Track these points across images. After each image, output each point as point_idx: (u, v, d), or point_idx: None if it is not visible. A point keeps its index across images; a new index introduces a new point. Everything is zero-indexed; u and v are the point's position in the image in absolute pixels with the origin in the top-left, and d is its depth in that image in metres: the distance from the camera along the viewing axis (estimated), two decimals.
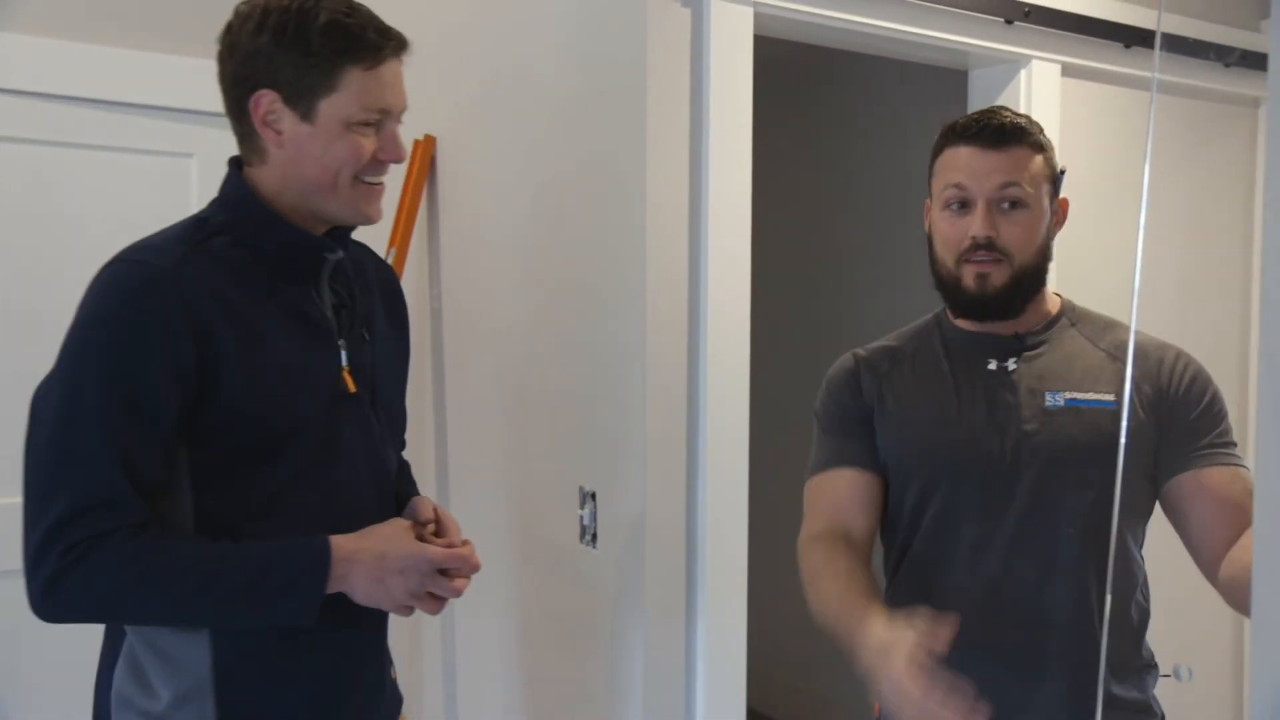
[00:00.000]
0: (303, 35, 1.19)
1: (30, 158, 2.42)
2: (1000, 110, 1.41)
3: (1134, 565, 1.39)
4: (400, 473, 1.47)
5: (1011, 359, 1.40)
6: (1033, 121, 1.40)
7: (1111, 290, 1.97)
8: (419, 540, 1.27)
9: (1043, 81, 2.18)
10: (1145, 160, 1.01)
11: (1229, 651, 1.33)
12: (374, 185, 1.28)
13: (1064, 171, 1.41)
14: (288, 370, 1.23)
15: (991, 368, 1.40)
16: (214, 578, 1.15)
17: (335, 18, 1.20)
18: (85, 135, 2.49)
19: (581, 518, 1.89)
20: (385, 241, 2.28)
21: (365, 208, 1.28)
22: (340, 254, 1.30)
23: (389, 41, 1.23)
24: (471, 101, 2.22)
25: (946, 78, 2.32)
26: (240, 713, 1.22)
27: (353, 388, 1.29)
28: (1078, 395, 1.35)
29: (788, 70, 3.38)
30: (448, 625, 2.34)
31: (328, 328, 1.28)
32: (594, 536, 1.88)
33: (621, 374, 1.82)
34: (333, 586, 1.19)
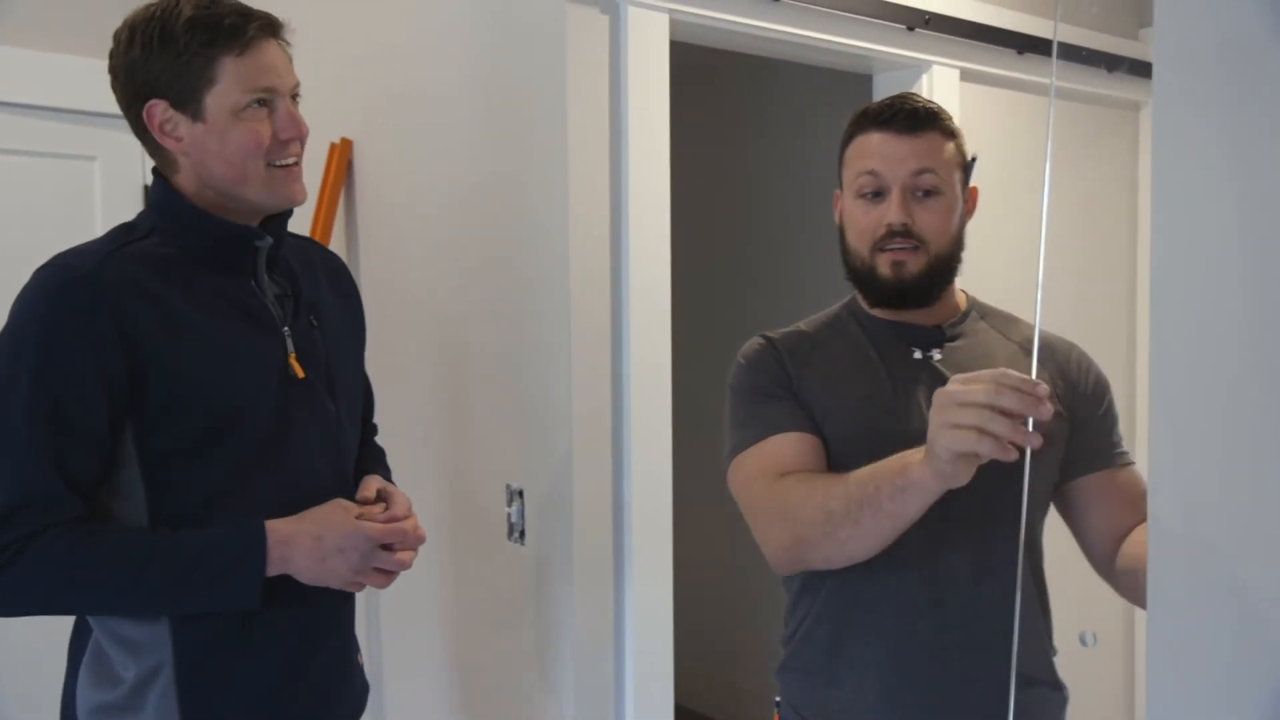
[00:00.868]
0: (169, 37, 1.23)
1: None
2: (912, 96, 1.39)
3: (1041, 553, 1.41)
4: (370, 456, 1.50)
5: (935, 349, 1.38)
6: (943, 109, 1.39)
7: (1009, 287, 2.07)
8: (358, 519, 1.31)
9: (943, 85, 2.29)
10: (1046, 160, 1.07)
11: (1121, 617, 1.42)
12: (288, 167, 1.31)
13: (974, 159, 1.40)
14: (227, 359, 1.26)
15: (917, 357, 1.37)
16: (151, 567, 1.19)
17: (195, 13, 1.24)
18: None
19: (509, 515, 1.92)
20: None
21: (285, 190, 1.31)
22: (269, 241, 1.32)
23: (252, 23, 1.26)
24: (389, 105, 2.23)
25: (852, 81, 2.41)
26: (201, 690, 1.25)
27: (301, 373, 1.32)
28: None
29: (702, 73, 3.45)
30: (371, 619, 2.34)
31: (269, 316, 1.31)
32: (522, 534, 1.90)
33: (547, 373, 1.85)
34: (273, 569, 1.24)
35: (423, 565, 2.06)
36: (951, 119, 1.40)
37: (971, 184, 1.41)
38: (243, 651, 1.28)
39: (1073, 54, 2.48)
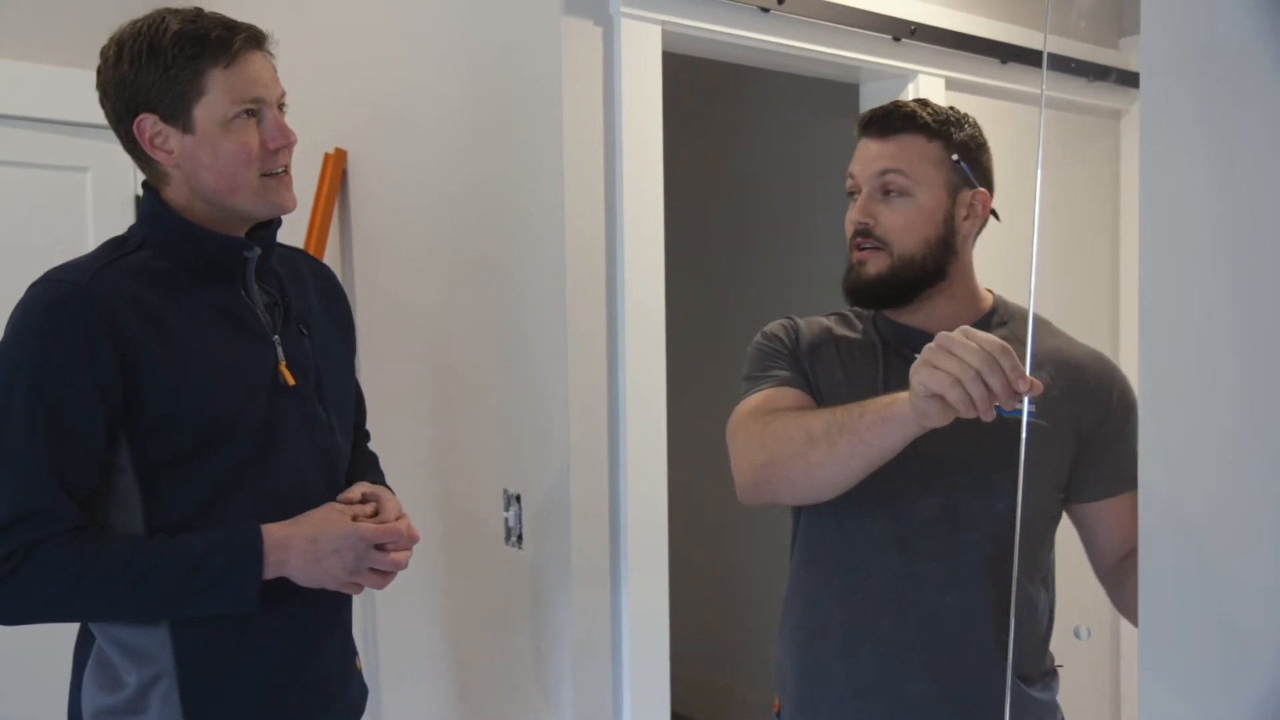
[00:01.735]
0: (156, 52, 1.25)
1: None
2: (904, 102, 1.39)
3: (1046, 575, 1.39)
4: (361, 462, 1.52)
5: None
6: (941, 111, 1.36)
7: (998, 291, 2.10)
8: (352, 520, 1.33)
9: (928, 94, 2.32)
10: (1037, 168, 1.10)
11: (1107, 606, 1.44)
12: (278, 175, 1.33)
13: (959, 160, 1.35)
14: (218, 368, 1.29)
15: None
16: (150, 573, 1.21)
17: (182, 27, 1.26)
18: None
19: (507, 519, 1.94)
20: None
21: (275, 198, 1.33)
22: (257, 251, 1.35)
23: (238, 35, 1.29)
24: (383, 115, 2.25)
25: (842, 87, 2.45)
26: (202, 693, 1.27)
27: (292, 381, 1.34)
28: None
29: (695, 81, 3.49)
30: (369, 623, 2.34)
31: (259, 325, 1.34)
32: (519, 538, 1.92)
33: (543, 380, 1.87)
34: (270, 572, 1.26)
35: (420, 570, 2.08)
36: (954, 122, 1.37)
37: (978, 189, 1.37)
38: (243, 653, 1.30)
39: (1058, 64, 2.52)
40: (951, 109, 1.40)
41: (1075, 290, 2.72)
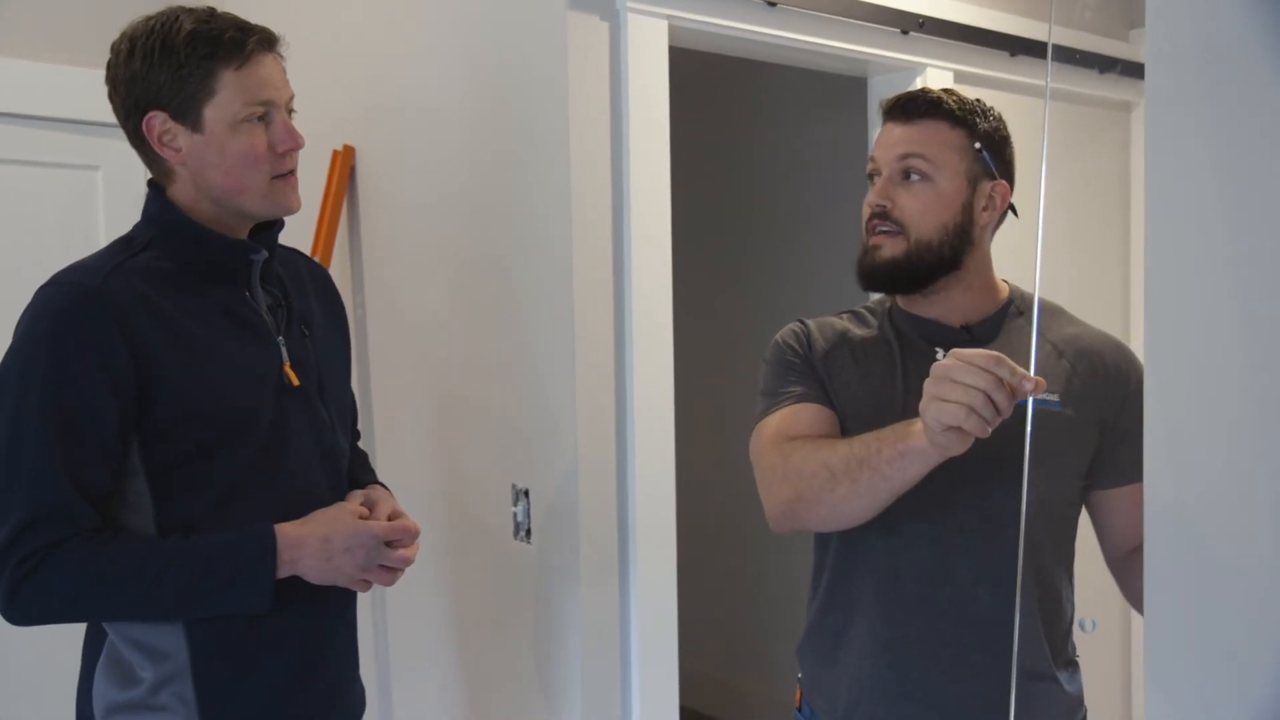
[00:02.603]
0: (170, 50, 1.26)
1: None
2: (930, 89, 1.38)
3: (1069, 564, 1.38)
4: (357, 461, 1.53)
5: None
6: (967, 101, 1.35)
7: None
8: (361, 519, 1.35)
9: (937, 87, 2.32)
10: (1042, 162, 1.10)
11: (1119, 600, 1.44)
12: (285, 177, 1.34)
13: (982, 149, 1.34)
14: (227, 369, 1.29)
15: (939, 358, 1.30)
16: (166, 573, 1.22)
17: (196, 26, 1.27)
18: None
19: (515, 515, 1.94)
20: (308, 250, 2.29)
21: (282, 200, 1.34)
22: (264, 254, 1.36)
23: (251, 37, 1.29)
24: (391, 112, 2.25)
25: (851, 80, 2.44)
26: (217, 689, 1.29)
27: (296, 381, 1.36)
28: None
29: (701, 75, 3.48)
30: (379, 618, 2.36)
31: (264, 326, 1.35)
32: (528, 532, 1.93)
33: (551, 375, 1.87)
34: (283, 571, 1.27)
35: (428, 564, 2.08)
36: (979, 111, 1.35)
37: (998, 181, 1.35)
38: (258, 650, 1.32)
39: (1066, 56, 2.51)
40: (977, 100, 1.38)
41: (1086, 283, 2.71)
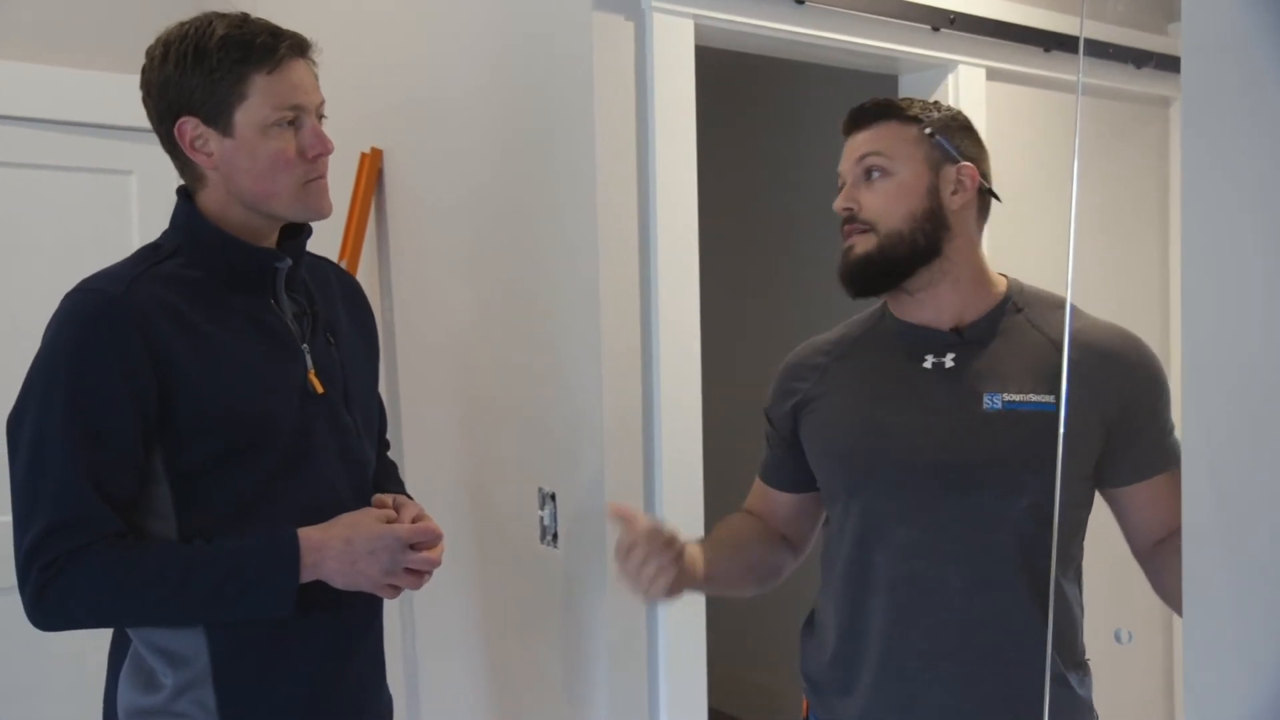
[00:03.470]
0: (202, 55, 1.26)
1: None
2: (879, 97, 1.40)
3: (1076, 566, 1.37)
4: (383, 471, 1.52)
5: (949, 354, 1.33)
6: (918, 101, 1.37)
7: (1040, 285, 2.06)
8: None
9: (969, 85, 2.28)
10: (1074, 156, 1.08)
11: (1158, 610, 1.40)
12: (316, 182, 1.34)
13: (933, 134, 1.33)
14: (251, 376, 1.29)
15: (928, 365, 1.33)
16: (189, 578, 1.22)
17: (229, 31, 1.27)
18: (23, 154, 2.47)
19: (542, 518, 1.93)
20: (336, 253, 2.30)
21: (314, 204, 1.35)
22: (288, 262, 1.36)
23: (283, 42, 1.30)
24: (419, 114, 2.25)
25: (882, 81, 2.41)
26: (238, 697, 1.28)
27: (320, 389, 1.35)
28: (1016, 398, 1.28)
29: (728, 75, 3.46)
30: (407, 625, 2.36)
31: (288, 334, 1.35)
32: (555, 536, 1.92)
33: (577, 376, 1.86)
34: (307, 576, 1.26)
35: (455, 568, 2.08)
36: (923, 107, 1.37)
37: (963, 163, 1.34)
38: (279, 658, 1.31)
39: (1100, 50, 2.46)
40: (934, 100, 1.42)
41: (1124, 280, 2.66)
